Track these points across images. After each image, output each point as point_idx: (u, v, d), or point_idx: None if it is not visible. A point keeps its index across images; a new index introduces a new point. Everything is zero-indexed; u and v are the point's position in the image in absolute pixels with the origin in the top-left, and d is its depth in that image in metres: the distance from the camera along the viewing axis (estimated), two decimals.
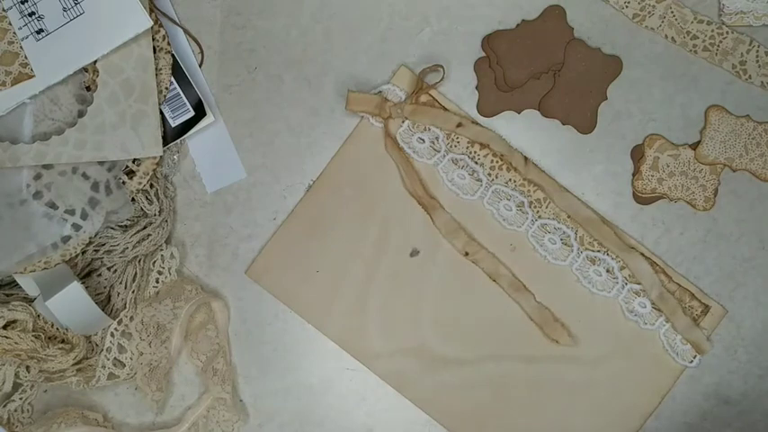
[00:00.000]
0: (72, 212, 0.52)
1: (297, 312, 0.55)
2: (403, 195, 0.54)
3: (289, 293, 0.55)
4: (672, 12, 0.54)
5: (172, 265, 0.55)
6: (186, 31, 0.56)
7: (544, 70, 0.55)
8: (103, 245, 0.54)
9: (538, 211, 0.54)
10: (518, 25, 0.55)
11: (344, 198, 0.55)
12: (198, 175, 0.56)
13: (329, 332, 0.55)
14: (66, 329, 0.52)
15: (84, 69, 0.52)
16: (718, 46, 0.54)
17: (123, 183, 0.53)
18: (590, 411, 0.53)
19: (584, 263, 0.53)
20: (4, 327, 0.51)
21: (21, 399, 0.55)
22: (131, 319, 0.54)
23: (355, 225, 0.55)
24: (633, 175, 0.55)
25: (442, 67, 0.54)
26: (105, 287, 0.55)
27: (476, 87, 0.55)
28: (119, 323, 0.54)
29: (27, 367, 0.53)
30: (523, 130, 0.55)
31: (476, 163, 0.54)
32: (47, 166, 0.52)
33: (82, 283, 0.52)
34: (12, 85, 0.51)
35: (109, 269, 0.55)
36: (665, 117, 0.55)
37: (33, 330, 0.51)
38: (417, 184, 0.54)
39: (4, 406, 0.54)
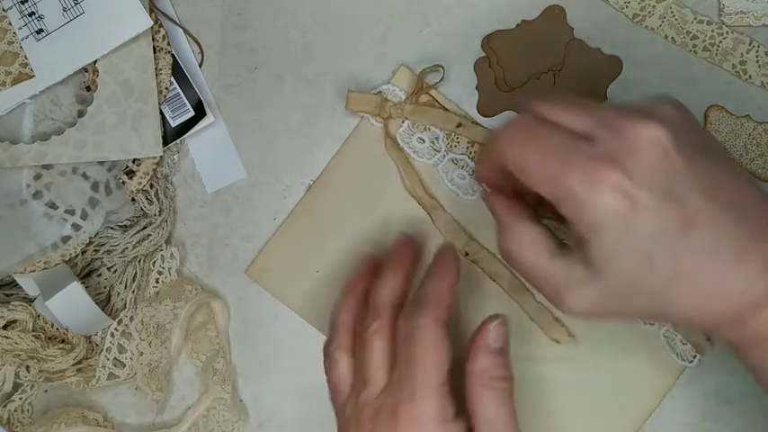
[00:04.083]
0: (72, 212, 0.52)
1: (297, 312, 0.55)
2: (403, 195, 0.54)
3: (289, 293, 0.55)
4: (672, 12, 0.54)
5: (172, 265, 0.55)
6: (186, 31, 0.56)
7: (544, 70, 0.55)
8: (103, 245, 0.54)
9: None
10: (518, 25, 0.55)
11: (344, 198, 0.55)
12: (198, 175, 0.56)
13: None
14: (67, 329, 0.52)
15: (84, 69, 0.52)
16: (718, 46, 0.54)
17: (123, 183, 0.53)
18: (589, 411, 0.53)
19: None
20: (4, 327, 0.51)
21: (21, 399, 0.55)
22: (131, 319, 0.54)
23: (355, 225, 0.55)
24: None
25: (442, 67, 0.54)
26: (105, 287, 0.55)
27: (476, 87, 0.55)
28: (119, 323, 0.54)
29: (27, 367, 0.53)
30: None
31: None
32: (47, 166, 0.52)
33: (82, 283, 0.52)
34: (12, 85, 0.51)
35: (109, 269, 0.55)
36: None
37: (33, 330, 0.51)
38: (417, 184, 0.54)
39: (4, 406, 0.54)
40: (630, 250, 0.38)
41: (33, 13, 0.51)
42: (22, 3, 0.51)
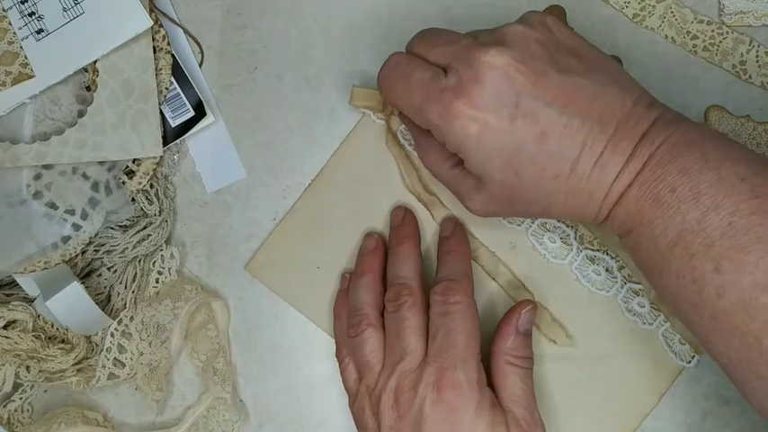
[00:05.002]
0: (72, 212, 0.52)
1: (296, 308, 0.55)
2: (403, 192, 0.54)
3: (288, 289, 0.55)
4: (672, 12, 0.54)
5: (172, 265, 0.55)
6: (186, 31, 0.56)
7: None
8: (103, 245, 0.54)
9: None
10: None
11: (345, 194, 0.55)
12: (198, 175, 0.56)
13: (329, 329, 0.55)
14: (67, 329, 0.52)
15: (84, 69, 0.52)
16: (718, 46, 0.54)
17: (123, 183, 0.53)
18: (587, 411, 0.53)
19: (583, 262, 0.53)
20: (5, 327, 0.51)
21: (21, 399, 0.55)
22: (131, 319, 0.54)
23: (355, 221, 0.55)
24: None
25: None
26: (105, 287, 0.55)
27: None
28: (119, 323, 0.54)
29: (27, 367, 0.53)
30: None
31: None
32: (47, 166, 0.52)
33: (82, 283, 0.52)
34: (12, 85, 0.51)
35: (109, 269, 0.55)
36: None
37: (33, 330, 0.51)
38: (417, 180, 0.54)
39: (4, 406, 0.54)
40: (496, 164, 0.42)
41: (33, 13, 0.51)
42: (22, 3, 0.51)
